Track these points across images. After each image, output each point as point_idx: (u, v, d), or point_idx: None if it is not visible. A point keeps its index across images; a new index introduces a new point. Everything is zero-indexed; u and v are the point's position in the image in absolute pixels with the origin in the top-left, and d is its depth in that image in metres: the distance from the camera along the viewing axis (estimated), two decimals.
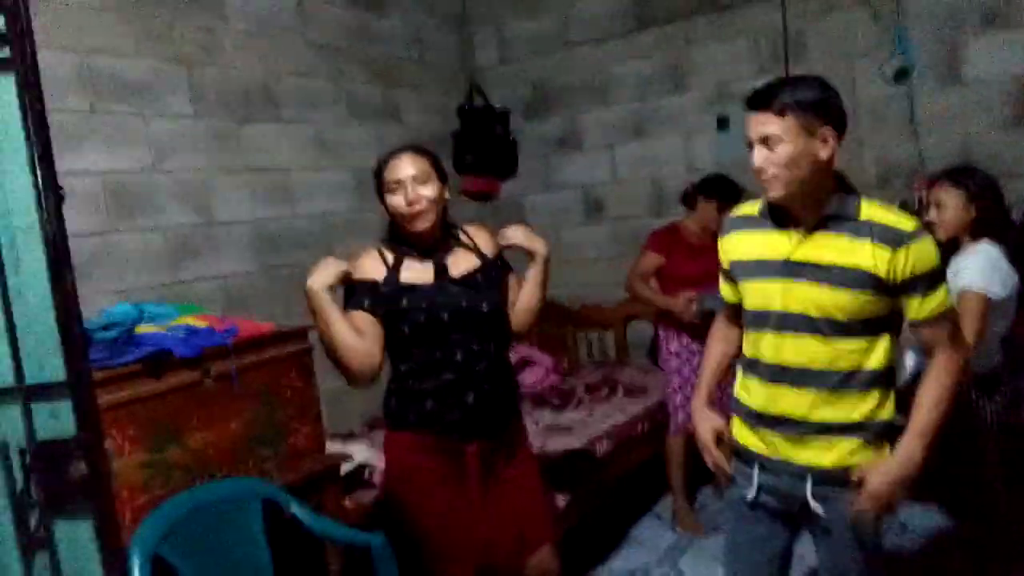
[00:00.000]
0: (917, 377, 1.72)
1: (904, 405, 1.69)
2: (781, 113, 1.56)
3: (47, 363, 1.17)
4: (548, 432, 3.22)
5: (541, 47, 4.49)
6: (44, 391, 1.20)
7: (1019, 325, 2.46)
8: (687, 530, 3.35)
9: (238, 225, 3.18)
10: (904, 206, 3.36)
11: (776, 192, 1.61)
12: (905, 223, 1.59)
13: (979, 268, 2.25)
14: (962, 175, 2.46)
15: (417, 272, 1.97)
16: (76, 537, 1.24)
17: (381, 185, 1.98)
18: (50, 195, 1.15)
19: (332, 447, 2.86)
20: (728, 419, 1.88)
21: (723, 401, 2.05)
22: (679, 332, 3.31)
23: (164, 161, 2.91)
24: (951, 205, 2.38)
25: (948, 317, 1.64)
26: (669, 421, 3.37)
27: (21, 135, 1.13)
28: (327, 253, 3.49)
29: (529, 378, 3.98)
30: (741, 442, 1.80)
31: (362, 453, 2.84)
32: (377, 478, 2.75)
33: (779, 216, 1.69)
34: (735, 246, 1.79)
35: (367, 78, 3.90)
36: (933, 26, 3.45)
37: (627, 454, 3.32)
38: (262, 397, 2.39)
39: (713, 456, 1.84)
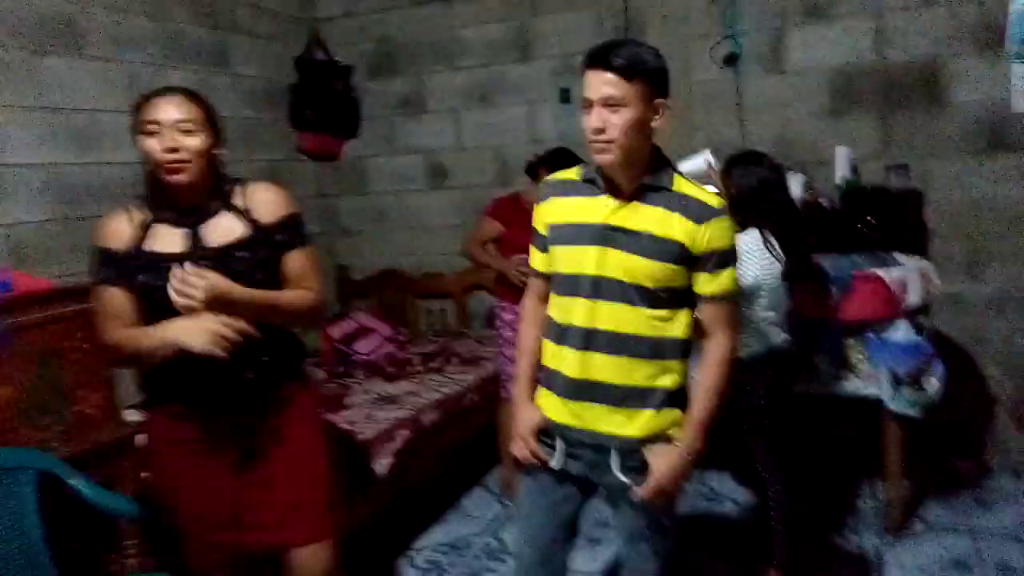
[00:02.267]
0: None
1: None
2: (629, 77, 1.55)
3: None
4: (377, 402, 3.14)
5: (388, 2, 4.32)
6: None
7: (804, 304, 2.62)
8: (512, 498, 3.37)
9: (29, 169, 2.83)
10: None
11: (609, 156, 1.60)
12: (711, 199, 1.65)
13: None
14: (731, 162, 2.53)
15: (167, 238, 1.74)
16: None
17: (138, 125, 1.70)
18: None
19: (134, 417, 2.64)
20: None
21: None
22: (514, 301, 3.29)
23: None
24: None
25: (729, 300, 1.70)
26: (501, 391, 3.37)
27: None
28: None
29: (365, 347, 3.86)
30: (552, 417, 1.79)
31: None
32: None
33: (598, 183, 1.69)
34: (553, 210, 1.77)
35: (191, 18, 3.59)
36: (761, 14, 3.60)
37: (457, 424, 3.29)
38: (41, 360, 2.16)
39: (531, 447, 1.81)
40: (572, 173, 1.77)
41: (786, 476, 2.54)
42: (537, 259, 1.85)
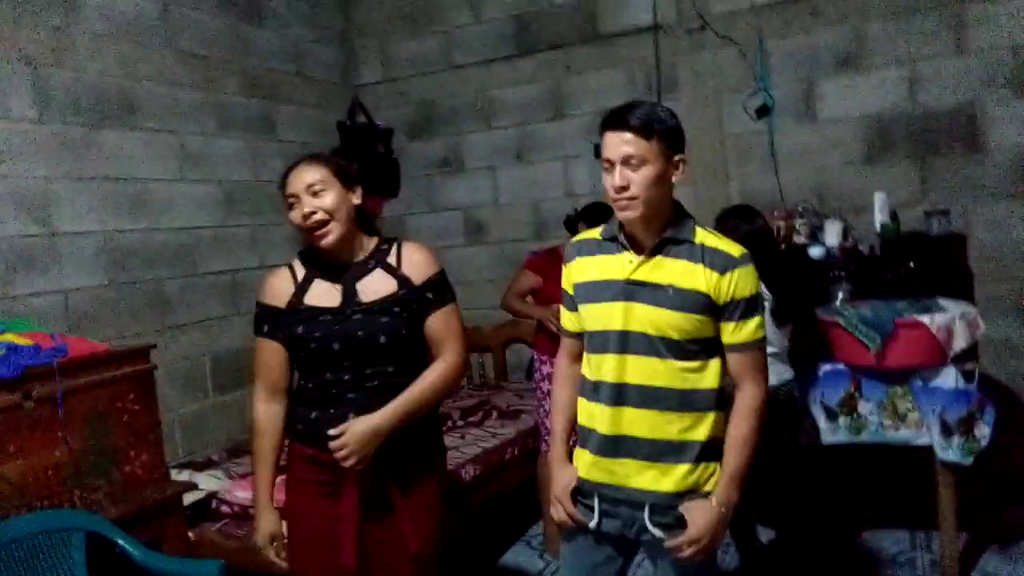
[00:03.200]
0: None
1: None
2: (647, 135, 1.60)
3: None
4: None
5: (425, 67, 4.48)
6: None
7: (801, 342, 2.73)
8: (555, 555, 3.32)
9: (84, 236, 2.97)
10: (766, 238, 3.51)
11: (634, 212, 1.64)
12: (733, 249, 1.67)
13: None
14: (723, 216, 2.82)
15: (324, 294, 1.84)
16: None
17: (284, 198, 1.84)
18: None
19: (182, 476, 2.70)
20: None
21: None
22: (554, 353, 3.29)
23: (0, 166, 2.70)
24: None
25: (757, 347, 1.70)
26: (541, 444, 3.35)
27: None
28: (190, 270, 3.41)
29: None
30: (583, 476, 1.79)
31: (211, 482, 2.68)
32: (226, 508, 2.61)
33: (620, 240, 1.72)
34: (579, 270, 1.81)
35: (240, 89, 3.76)
36: (792, 66, 3.64)
37: (496, 478, 3.28)
38: (92, 422, 2.23)
39: (568, 510, 1.80)
40: (595, 232, 1.82)
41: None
42: (567, 319, 1.88)
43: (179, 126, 3.41)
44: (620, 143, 1.61)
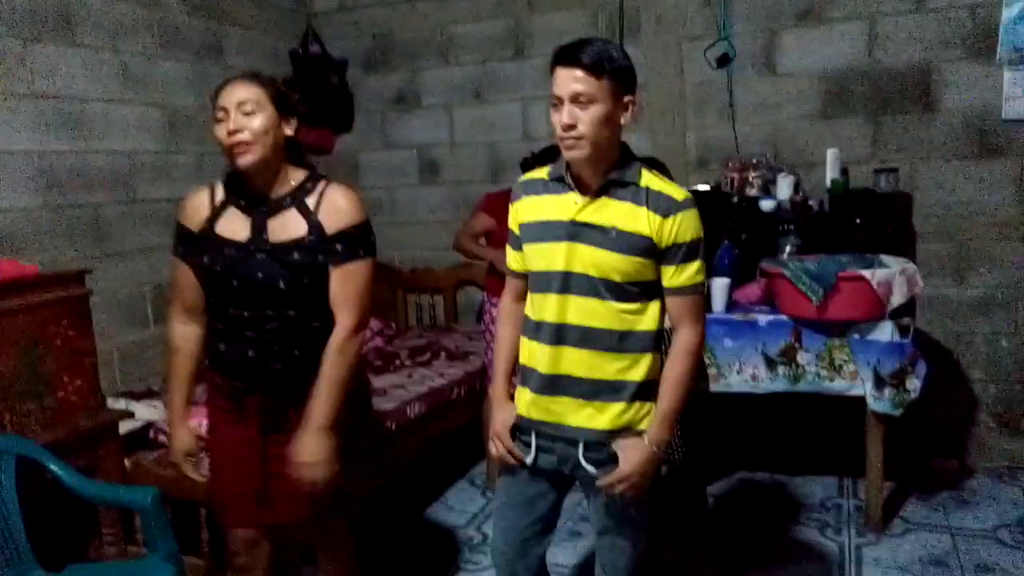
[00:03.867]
0: None
1: None
2: (597, 74, 1.58)
3: None
4: None
5: None
6: None
7: None
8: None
9: (18, 156, 2.83)
10: (717, 187, 3.53)
11: (580, 152, 1.62)
12: (677, 192, 1.67)
13: None
14: None
15: (234, 224, 1.81)
16: None
17: (213, 112, 1.77)
18: None
19: (119, 404, 2.65)
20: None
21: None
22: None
23: None
24: None
25: (697, 291, 1.72)
26: (487, 385, 3.37)
27: None
28: (129, 194, 3.28)
29: None
30: (522, 413, 1.82)
31: (149, 411, 2.64)
32: (163, 438, 2.57)
33: (566, 181, 1.71)
34: (524, 209, 1.80)
35: (186, 8, 3.58)
36: (754, 16, 3.60)
37: (442, 418, 3.30)
38: (24, 346, 2.16)
39: (506, 445, 1.83)
40: (542, 172, 1.80)
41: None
42: (512, 258, 1.88)
43: (120, 44, 3.24)
44: (570, 80, 1.59)
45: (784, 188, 3.41)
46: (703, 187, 3.45)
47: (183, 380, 1.93)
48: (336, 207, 1.80)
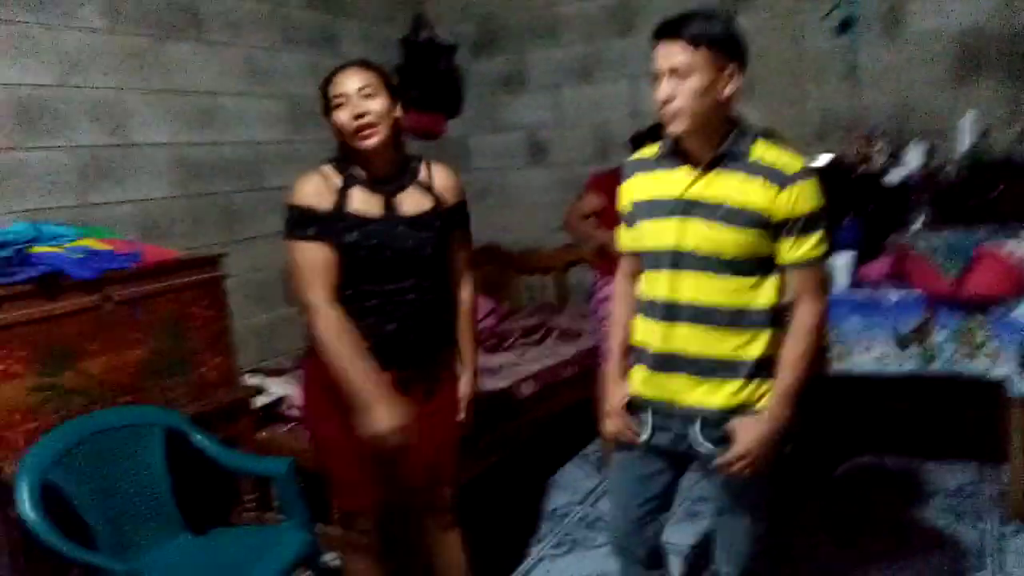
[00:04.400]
0: None
1: None
2: (695, 45, 1.55)
3: None
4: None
5: None
6: None
7: None
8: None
9: (157, 148, 3.03)
10: (841, 159, 3.37)
11: (680, 126, 1.60)
12: (793, 163, 1.61)
13: None
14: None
15: (365, 203, 1.86)
16: None
17: (327, 104, 1.84)
18: None
19: (252, 381, 2.81)
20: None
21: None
22: (615, 277, 3.28)
23: (74, 76, 2.75)
24: None
25: (817, 264, 1.65)
26: (601, 364, 3.37)
27: None
28: (257, 183, 3.46)
29: None
30: (636, 391, 1.81)
31: (280, 387, 2.79)
32: (295, 411, 2.71)
33: (677, 156, 1.69)
34: (634, 188, 1.79)
35: (303, 3, 3.73)
36: None
37: (554, 396, 3.32)
38: (168, 325, 2.32)
39: (622, 423, 1.83)
40: (651, 150, 1.78)
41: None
42: (624, 237, 1.86)
43: (244, 39, 3.41)
44: (666, 53, 1.57)
45: (915, 157, 3.21)
46: (822, 160, 3.29)
47: (365, 357, 1.81)
48: (448, 183, 1.98)
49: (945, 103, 3.36)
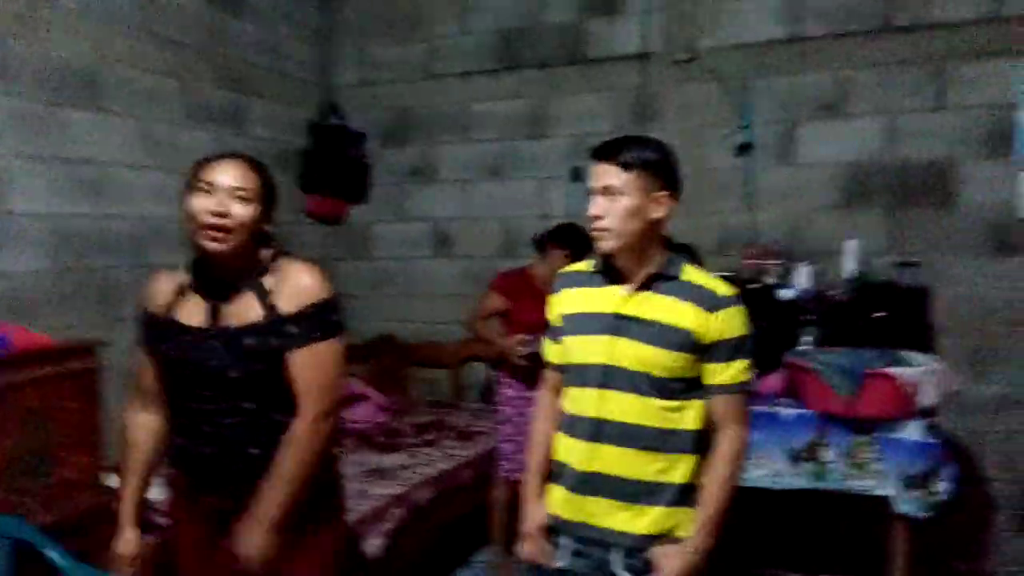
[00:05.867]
0: None
1: None
2: (627, 168, 1.60)
3: None
4: (369, 476, 3.03)
5: (405, 74, 4.39)
6: None
7: None
8: None
9: (36, 218, 2.80)
10: (736, 274, 3.50)
11: (609, 243, 1.63)
12: (722, 287, 1.65)
13: None
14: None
15: (193, 309, 1.67)
16: None
17: (191, 183, 1.61)
18: None
19: (111, 480, 2.53)
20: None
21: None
22: (516, 379, 3.24)
23: None
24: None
25: (742, 390, 1.66)
26: (496, 469, 3.27)
27: None
28: (142, 260, 3.23)
29: (357, 414, 3.77)
30: (554, 512, 1.75)
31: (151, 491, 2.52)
32: (163, 520, 2.45)
33: (609, 274, 1.71)
34: (565, 301, 1.78)
35: (212, 80, 3.62)
36: (775, 107, 3.66)
37: (450, 502, 3.18)
38: (29, 420, 2.08)
39: (537, 547, 1.77)
40: (585, 265, 1.80)
41: None
42: (551, 351, 1.84)
43: (145, 112, 3.26)
44: (600, 173, 1.63)
45: (803, 277, 3.39)
46: (722, 274, 3.41)
47: (136, 475, 1.78)
48: (294, 285, 1.66)
49: (833, 227, 3.58)
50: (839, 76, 3.56)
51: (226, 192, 1.58)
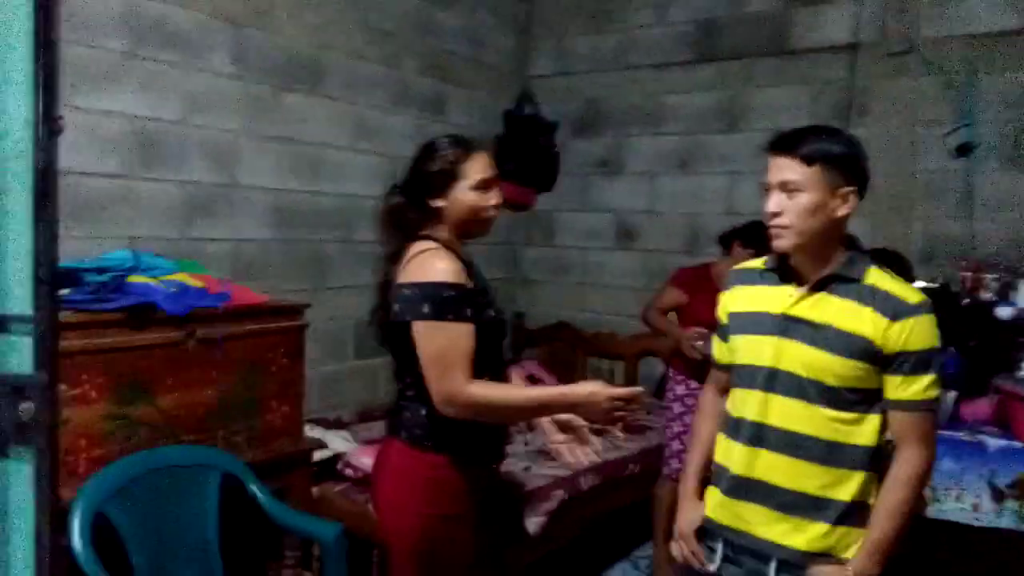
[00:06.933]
0: None
1: None
2: (808, 162, 1.51)
3: (14, 295, 1.11)
4: (537, 456, 3.11)
5: (599, 64, 4.40)
6: (4, 322, 1.13)
7: None
8: None
9: (260, 191, 3.13)
10: (945, 286, 3.21)
11: (786, 242, 1.55)
12: (910, 295, 1.52)
13: None
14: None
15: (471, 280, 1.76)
16: (17, 481, 1.18)
17: (453, 177, 1.72)
18: (47, 124, 1.09)
19: (313, 432, 2.79)
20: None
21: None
22: (688, 377, 3.18)
23: (195, 115, 2.88)
24: None
25: (926, 408, 1.53)
26: (662, 466, 3.23)
27: (29, 57, 1.07)
28: (349, 235, 3.51)
29: None
30: (710, 516, 1.71)
31: (340, 443, 2.76)
32: (350, 472, 2.67)
33: (784, 272, 1.63)
34: (735, 299, 1.73)
35: (419, 68, 3.85)
36: (1004, 105, 3.28)
37: (613, 492, 3.19)
38: (244, 369, 2.33)
39: (691, 547, 1.74)
40: (759, 262, 1.72)
41: None
42: (718, 349, 1.79)
43: (358, 98, 3.53)
44: (779, 167, 1.53)
45: None
46: (926, 284, 3.14)
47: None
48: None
49: None
50: None
51: (496, 184, 1.77)
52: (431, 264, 1.66)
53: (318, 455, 2.64)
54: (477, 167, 1.74)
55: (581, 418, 1.72)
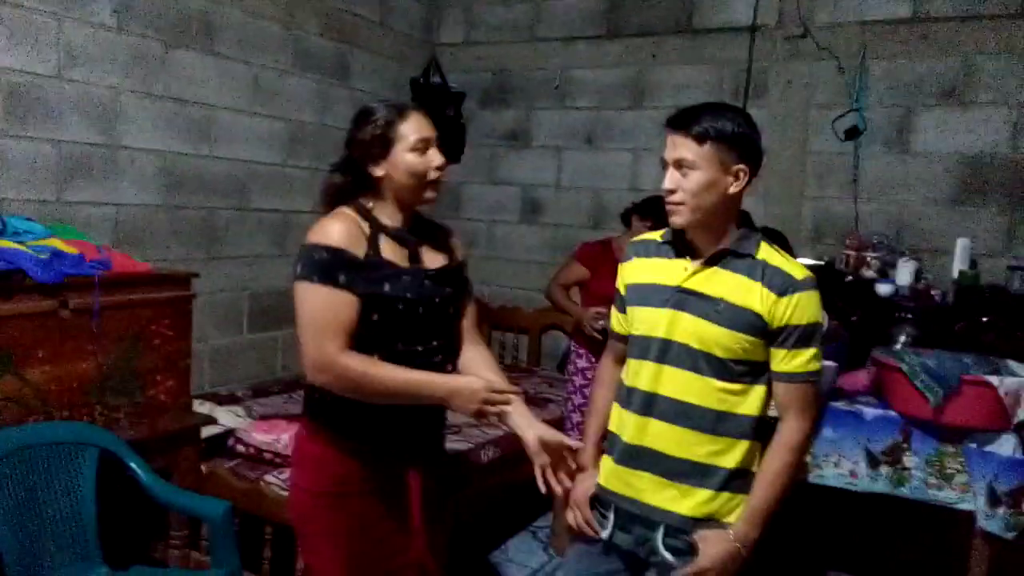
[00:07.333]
0: None
1: None
2: (701, 141, 1.53)
3: None
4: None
5: (508, 35, 4.36)
6: None
7: None
8: (560, 551, 3.25)
9: (145, 153, 2.95)
10: (831, 264, 3.36)
11: (680, 218, 1.58)
12: (796, 271, 1.58)
13: None
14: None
15: (393, 252, 1.66)
16: None
17: (389, 140, 1.62)
18: None
19: (203, 408, 2.68)
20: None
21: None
22: (590, 350, 3.22)
23: (73, 70, 2.68)
24: None
25: (808, 380, 1.59)
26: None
27: None
28: (244, 203, 3.37)
29: None
30: (602, 483, 1.73)
31: (230, 418, 2.65)
32: (241, 448, 2.57)
33: (679, 246, 1.66)
34: (633, 270, 1.74)
35: (319, 29, 3.70)
36: (891, 91, 3.44)
37: (514, 466, 3.20)
38: (124, 341, 2.21)
39: (584, 515, 1.75)
40: (656, 235, 1.75)
41: None
42: (616, 320, 1.81)
43: (255, 57, 3.36)
44: (673, 145, 1.56)
45: (905, 273, 3.22)
46: (813, 261, 3.28)
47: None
48: (456, 239, 1.83)
49: (941, 224, 3.38)
50: (965, 61, 3.32)
51: (435, 145, 1.66)
52: (319, 227, 1.61)
53: (208, 431, 2.54)
54: (412, 127, 1.63)
55: (453, 408, 1.62)
